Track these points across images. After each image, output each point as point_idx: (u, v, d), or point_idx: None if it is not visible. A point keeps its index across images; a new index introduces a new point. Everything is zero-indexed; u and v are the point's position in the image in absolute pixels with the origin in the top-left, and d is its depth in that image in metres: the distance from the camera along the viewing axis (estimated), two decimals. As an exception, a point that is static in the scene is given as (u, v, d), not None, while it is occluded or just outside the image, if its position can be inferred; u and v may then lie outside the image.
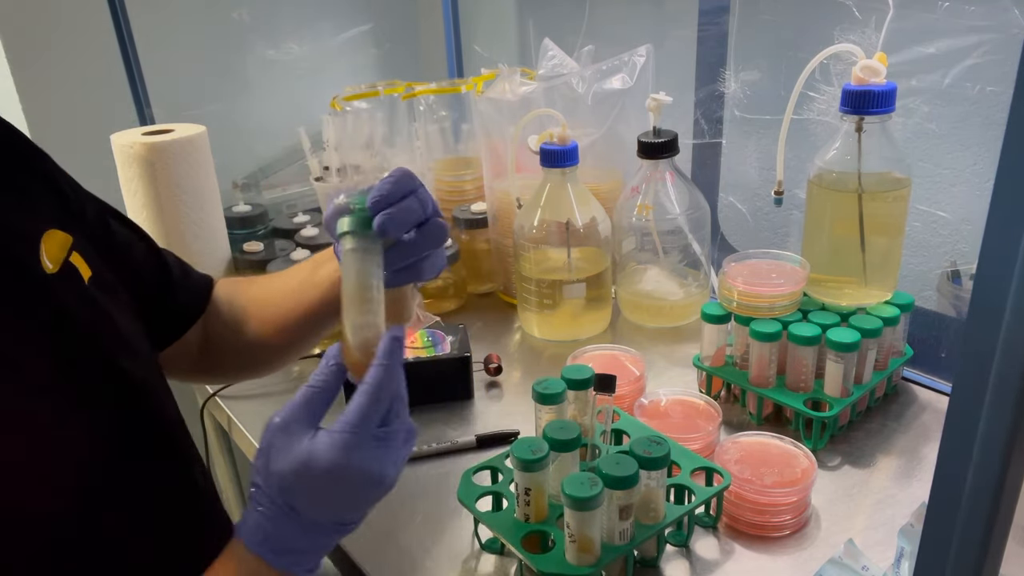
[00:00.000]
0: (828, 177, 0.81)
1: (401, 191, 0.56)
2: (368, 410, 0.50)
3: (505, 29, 1.55)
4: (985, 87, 0.87)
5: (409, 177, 0.57)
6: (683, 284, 1.05)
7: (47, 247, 0.54)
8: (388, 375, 0.51)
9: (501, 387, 0.95)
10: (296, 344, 0.76)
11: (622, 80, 1.07)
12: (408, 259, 0.58)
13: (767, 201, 1.15)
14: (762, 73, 1.06)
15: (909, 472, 0.75)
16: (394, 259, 0.57)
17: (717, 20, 1.09)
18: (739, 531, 0.69)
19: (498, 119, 1.07)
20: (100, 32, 1.27)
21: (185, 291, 0.75)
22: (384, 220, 0.54)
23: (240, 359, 0.79)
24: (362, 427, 0.50)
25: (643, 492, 0.63)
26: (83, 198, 0.65)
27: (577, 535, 0.59)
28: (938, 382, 0.88)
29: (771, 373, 0.82)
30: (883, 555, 0.64)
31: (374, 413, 0.50)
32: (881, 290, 0.83)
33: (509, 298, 1.15)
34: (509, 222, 1.08)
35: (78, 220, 0.62)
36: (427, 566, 0.68)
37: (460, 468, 0.72)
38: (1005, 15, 0.82)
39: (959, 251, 0.96)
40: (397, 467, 0.52)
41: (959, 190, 0.95)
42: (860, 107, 0.76)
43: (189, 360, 0.76)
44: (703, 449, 0.75)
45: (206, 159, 1.15)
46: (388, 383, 0.51)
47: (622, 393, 0.84)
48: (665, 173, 0.99)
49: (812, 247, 0.85)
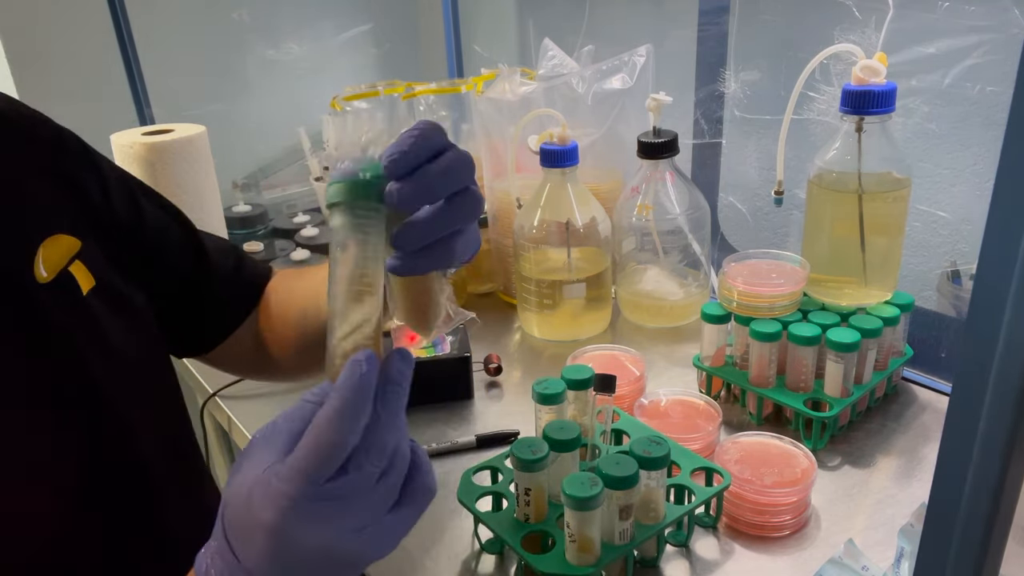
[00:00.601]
0: (828, 177, 0.81)
1: (428, 150, 0.44)
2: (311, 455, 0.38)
3: (505, 29, 1.55)
4: (985, 87, 0.87)
5: (437, 132, 0.44)
6: (683, 284, 1.05)
7: (46, 254, 0.53)
8: (349, 408, 0.39)
9: (501, 387, 0.95)
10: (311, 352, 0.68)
11: (622, 80, 1.07)
12: (433, 236, 0.45)
13: (767, 201, 1.15)
14: (762, 73, 1.06)
15: (909, 472, 0.75)
16: (413, 237, 0.44)
17: (717, 20, 1.09)
18: (739, 531, 0.69)
19: (498, 119, 1.07)
20: (100, 32, 1.27)
21: (232, 285, 0.70)
22: (402, 189, 0.42)
23: (295, 360, 0.72)
24: (302, 478, 0.38)
25: (643, 492, 0.63)
26: (115, 193, 0.62)
27: (577, 535, 0.59)
28: (938, 382, 0.88)
29: (771, 373, 0.82)
30: (883, 555, 0.64)
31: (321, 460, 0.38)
32: (881, 290, 0.83)
33: (509, 298, 1.15)
34: (509, 222, 1.08)
35: (99, 222, 0.59)
36: (427, 566, 0.68)
37: (460, 468, 0.72)
38: (1005, 15, 0.82)
39: (959, 251, 0.96)
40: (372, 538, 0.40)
41: (959, 190, 0.95)
42: (860, 107, 0.76)
43: (246, 357, 0.72)
44: (703, 449, 0.75)
45: (206, 159, 1.15)
46: (347, 418, 0.39)
47: (622, 393, 0.84)
48: (665, 173, 0.99)
49: (812, 247, 0.85)
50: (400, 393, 0.41)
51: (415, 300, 0.47)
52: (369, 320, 0.43)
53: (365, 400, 0.39)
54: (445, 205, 0.44)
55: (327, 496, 0.38)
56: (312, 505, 0.38)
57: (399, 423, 0.41)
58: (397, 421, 0.41)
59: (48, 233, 0.54)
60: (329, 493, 0.38)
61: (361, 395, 0.39)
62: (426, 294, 0.48)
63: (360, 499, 0.39)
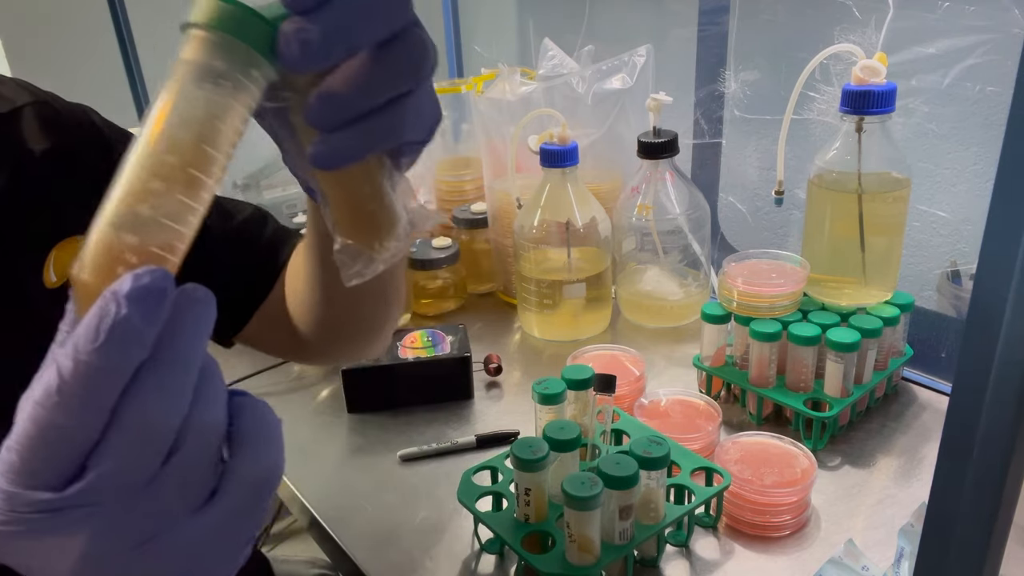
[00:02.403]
0: (828, 177, 0.81)
1: None
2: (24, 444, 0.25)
3: (505, 29, 1.55)
4: (985, 87, 0.88)
5: None
6: (683, 284, 1.05)
7: (58, 257, 0.51)
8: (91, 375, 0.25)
9: (501, 387, 0.95)
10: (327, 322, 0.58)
11: (622, 80, 1.07)
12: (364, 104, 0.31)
13: (767, 201, 1.15)
14: (762, 73, 1.06)
15: (909, 472, 0.75)
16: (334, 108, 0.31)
17: (717, 20, 1.09)
18: (739, 531, 0.69)
19: (498, 119, 1.07)
20: (100, 32, 1.27)
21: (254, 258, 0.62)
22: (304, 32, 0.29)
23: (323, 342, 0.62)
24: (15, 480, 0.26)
25: (643, 492, 0.63)
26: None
27: (577, 535, 0.59)
28: (938, 382, 0.88)
29: (771, 373, 0.82)
30: (883, 555, 0.64)
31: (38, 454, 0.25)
32: (881, 290, 0.83)
33: (509, 298, 1.15)
34: (509, 222, 1.08)
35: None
36: (427, 566, 0.68)
37: (460, 468, 0.72)
38: (1005, 15, 0.82)
39: (959, 251, 0.97)
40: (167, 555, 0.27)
41: (959, 190, 0.95)
42: (860, 107, 0.76)
43: (284, 338, 0.64)
44: (703, 449, 0.75)
45: (206, 159, 1.15)
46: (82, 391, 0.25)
47: (622, 393, 0.84)
48: (665, 173, 0.99)
49: (812, 247, 0.85)
50: (182, 340, 0.26)
51: (357, 205, 0.34)
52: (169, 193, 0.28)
53: (116, 367, 0.25)
54: (377, 54, 0.30)
55: (54, 505, 0.25)
56: (33, 520, 0.25)
57: (175, 387, 0.26)
58: (172, 385, 0.26)
59: (64, 235, 0.53)
60: (57, 502, 0.25)
61: (109, 358, 0.25)
62: (372, 194, 0.34)
63: (121, 503, 0.26)
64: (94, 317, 0.25)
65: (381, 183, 0.34)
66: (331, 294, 0.54)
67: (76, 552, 0.26)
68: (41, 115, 0.56)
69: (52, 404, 0.25)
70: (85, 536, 0.26)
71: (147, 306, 0.25)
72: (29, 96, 0.56)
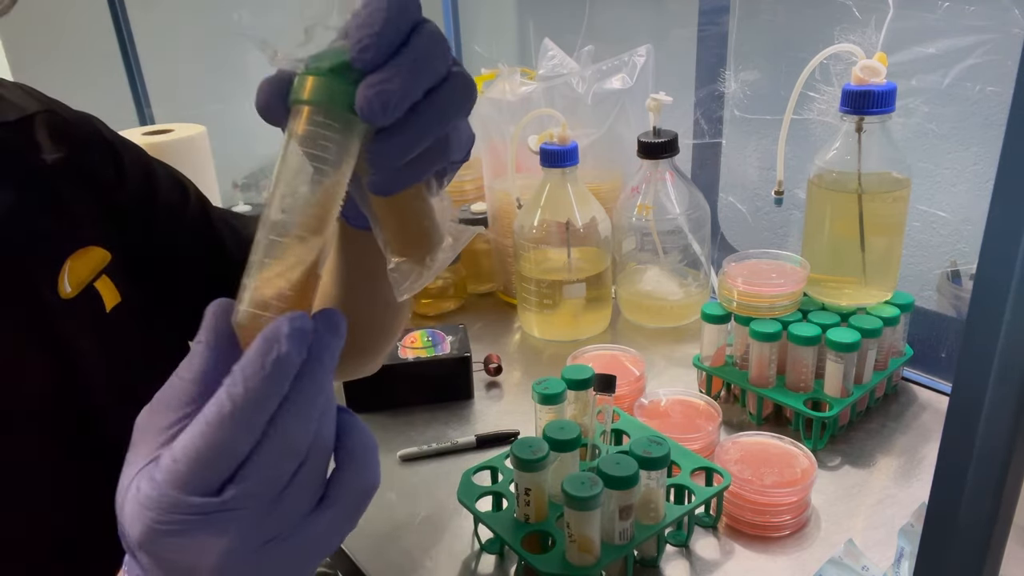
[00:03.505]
0: (828, 177, 0.81)
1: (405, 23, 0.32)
2: (191, 458, 0.30)
3: (505, 29, 1.55)
4: (985, 87, 0.88)
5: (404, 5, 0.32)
6: (683, 284, 1.05)
7: (73, 267, 0.51)
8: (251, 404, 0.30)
9: (501, 387, 0.95)
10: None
11: (622, 80, 1.07)
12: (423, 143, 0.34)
13: (767, 201, 1.15)
14: (762, 73, 1.06)
15: (909, 472, 0.75)
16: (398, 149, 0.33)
17: (717, 20, 1.09)
18: (739, 531, 0.69)
19: (498, 119, 1.07)
20: (100, 32, 1.27)
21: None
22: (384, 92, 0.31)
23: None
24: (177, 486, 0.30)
25: (643, 492, 0.63)
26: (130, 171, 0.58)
27: (577, 535, 0.59)
28: (938, 382, 0.88)
29: (771, 373, 0.82)
30: (883, 555, 0.64)
31: (203, 466, 0.30)
32: (881, 290, 0.83)
33: (509, 298, 1.15)
34: (509, 222, 1.08)
35: (133, 232, 0.57)
36: (427, 566, 0.68)
37: (460, 468, 0.72)
38: (1005, 15, 0.82)
39: (959, 251, 0.97)
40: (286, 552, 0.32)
41: (959, 190, 0.95)
42: (860, 107, 0.76)
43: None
44: (703, 449, 0.75)
45: (206, 159, 1.15)
46: (244, 417, 0.30)
47: (622, 393, 0.84)
48: (665, 173, 0.99)
49: (812, 247, 0.85)
50: (321, 371, 0.31)
51: (409, 223, 0.36)
52: (303, 262, 0.33)
53: (275, 393, 0.30)
54: (431, 98, 0.33)
55: (209, 509, 0.30)
56: (190, 521, 0.30)
57: (312, 412, 0.31)
58: (310, 410, 0.31)
59: (79, 245, 0.52)
60: (212, 506, 0.30)
61: (271, 386, 0.30)
62: (423, 212, 0.37)
63: (260, 508, 0.31)
64: (259, 353, 0.30)
65: (429, 201, 0.37)
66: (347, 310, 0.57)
67: (220, 548, 0.30)
68: (50, 124, 0.55)
69: (224, 425, 0.29)
70: (231, 536, 0.30)
71: (301, 343, 0.30)
72: (37, 104, 0.56)
